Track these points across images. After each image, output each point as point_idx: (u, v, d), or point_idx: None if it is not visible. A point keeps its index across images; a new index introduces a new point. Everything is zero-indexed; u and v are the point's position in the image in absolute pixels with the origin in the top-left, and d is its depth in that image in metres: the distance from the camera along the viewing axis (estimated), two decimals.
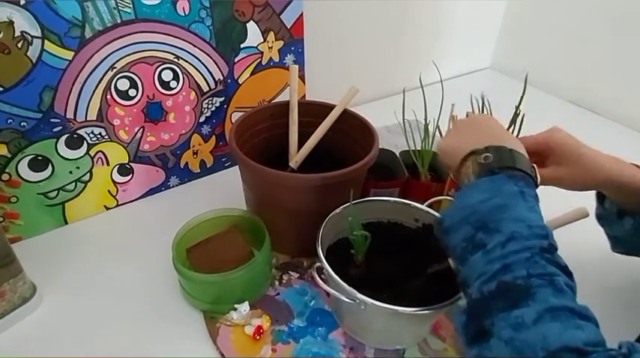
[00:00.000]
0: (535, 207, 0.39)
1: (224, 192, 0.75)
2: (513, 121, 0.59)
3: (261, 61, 0.80)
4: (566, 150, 0.50)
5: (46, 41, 0.57)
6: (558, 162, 0.51)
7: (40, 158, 0.63)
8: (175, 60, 0.69)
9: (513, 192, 0.39)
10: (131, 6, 0.62)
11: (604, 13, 1.04)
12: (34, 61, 0.58)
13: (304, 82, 0.89)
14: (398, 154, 0.73)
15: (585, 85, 1.13)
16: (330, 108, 0.68)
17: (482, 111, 0.61)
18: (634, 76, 1.03)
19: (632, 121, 1.05)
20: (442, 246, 0.44)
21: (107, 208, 0.74)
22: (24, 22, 0.55)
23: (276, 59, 0.81)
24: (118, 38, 0.63)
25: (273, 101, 0.85)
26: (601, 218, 0.58)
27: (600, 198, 0.57)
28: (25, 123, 0.60)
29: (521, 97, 0.59)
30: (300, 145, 0.67)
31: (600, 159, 0.50)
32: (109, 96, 0.65)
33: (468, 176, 0.43)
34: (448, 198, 0.61)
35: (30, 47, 0.57)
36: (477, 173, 0.42)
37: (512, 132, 0.59)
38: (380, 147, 0.62)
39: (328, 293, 0.48)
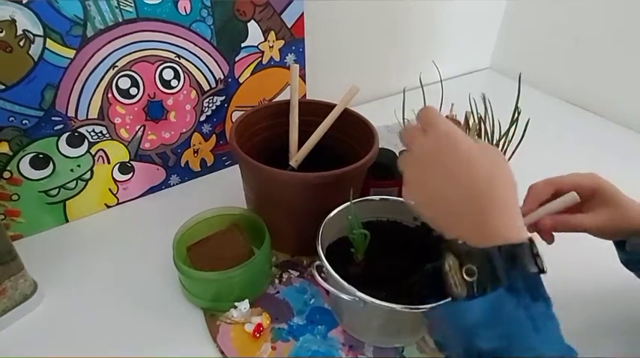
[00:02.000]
0: (547, 325, 0.32)
1: (224, 191, 0.75)
2: (513, 122, 0.59)
3: (261, 60, 0.80)
4: (609, 195, 0.48)
5: (47, 39, 0.57)
6: (597, 208, 0.48)
7: (41, 156, 0.63)
8: (176, 59, 0.69)
9: (517, 319, 0.31)
10: (133, 5, 0.62)
11: (603, 14, 1.04)
12: (35, 60, 0.58)
13: (305, 82, 0.90)
14: (398, 154, 0.73)
15: (584, 86, 1.13)
16: (330, 107, 0.68)
17: (485, 111, 0.61)
18: (633, 76, 1.03)
19: (631, 121, 1.05)
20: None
21: (108, 206, 0.74)
22: (26, 21, 0.55)
23: (277, 58, 0.82)
24: (119, 37, 0.63)
25: (274, 100, 0.86)
26: (630, 263, 0.55)
27: (619, 244, 0.53)
28: (27, 121, 0.61)
29: (517, 98, 0.59)
30: (301, 144, 0.68)
31: (636, 206, 0.48)
32: (110, 95, 0.66)
33: (453, 279, 0.34)
34: None
35: (32, 45, 0.57)
36: (463, 288, 0.34)
37: (513, 135, 0.59)
38: (380, 146, 0.62)
39: (328, 292, 0.49)
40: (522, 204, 0.50)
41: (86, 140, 0.67)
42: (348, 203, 0.53)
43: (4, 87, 0.57)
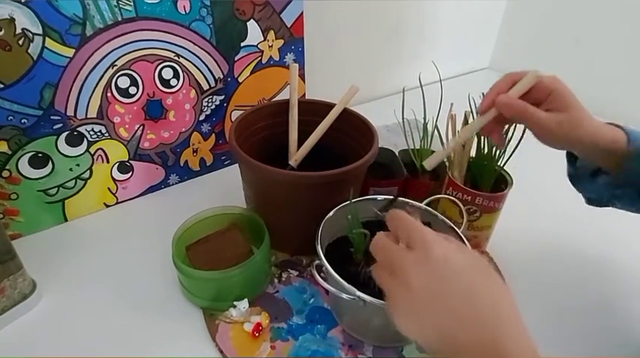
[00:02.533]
0: None
1: (224, 190, 0.75)
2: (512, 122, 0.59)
3: (261, 59, 0.80)
4: (568, 100, 0.47)
5: (47, 38, 0.57)
6: (554, 110, 0.47)
7: (40, 155, 0.63)
8: (176, 58, 0.69)
9: None
10: (132, 4, 0.62)
11: (603, 14, 1.05)
12: (34, 58, 0.58)
13: (304, 81, 0.90)
14: (397, 153, 0.73)
15: (583, 85, 1.13)
16: (330, 107, 0.68)
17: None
18: (633, 75, 1.03)
19: (630, 121, 1.05)
20: None
21: (107, 206, 0.74)
22: (25, 20, 0.55)
23: (277, 58, 0.82)
24: (118, 36, 0.63)
25: (273, 100, 0.86)
26: (573, 177, 0.56)
27: (571, 158, 0.55)
28: (26, 120, 0.60)
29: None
30: (300, 144, 0.68)
31: (592, 120, 0.48)
32: (109, 94, 0.66)
33: None
34: (446, 196, 0.61)
35: (31, 44, 0.57)
36: None
37: (513, 134, 0.59)
38: (379, 146, 0.62)
39: (327, 291, 0.49)
40: (483, 98, 0.50)
41: (85, 139, 0.66)
42: (348, 202, 0.53)
43: (3, 86, 0.57)
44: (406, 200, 0.58)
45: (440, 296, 0.33)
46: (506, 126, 0.60)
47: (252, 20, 0.75)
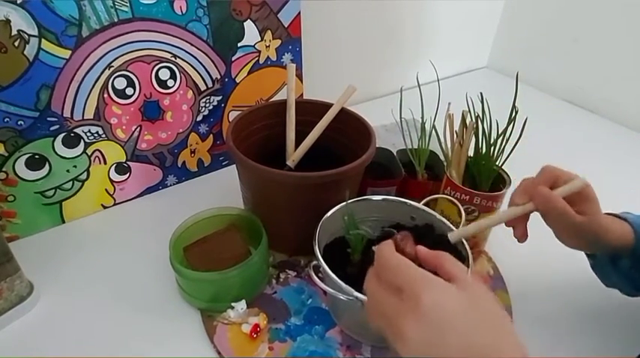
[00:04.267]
0: None
1: (221, 191, 0.75)
2: (511, 121, 0.59)
3: (258, 59, 0.80)
4: (596, 204, 0.48)
5: (43, 40, 0.57)
6: (583, 212, 0.47)
7: (37, 157, 0.63)
8: (172, 59, 0.69)
9: None
10: (128, 5, 0.62)
11: (601, 13, 1.05)
12: (30, 60, 0.57)
13: (302, 81, 0.89)
14: (395, 153, 0.73)
15: (582, 84, 1.13)
16: (327, 107, 0.68)
17: (483, 110, 0.60)
18: (631, 75, 1.03)
19: (628, 120, 1.05)
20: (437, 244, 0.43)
21: (104, 207, 0.74)
22: (21, 21, 0.55)
23: (274, 58, 0.82)
24: (115, 37, 0.63)
25: (271, 100, 0.85)
26: (595, 269, 0.57)
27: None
28: (22, 122, 0.60)
29: (515, 97, 0.59)
30: (298, 144, 0.67)
31: (607, 226, 0.48)
32: (106, 95, 0.65)
33: None
34: (444, 196, 0.61)
35: (27, 46, 0.56)
36: None
37: (511, 134, 0.59)
38: (377, 145, 0.62)
39: (325, 292, 0.48)
40: (519, 189, 0.49)
41: (82, 140, 0.66)
42: (346, 203, 0.53)
43: None
44: (404, 200, 0.58)
45: (436, 343, 0.32)
46: (505, 126, 0.60)
47: (249, 20, 0.74)
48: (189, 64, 0.71)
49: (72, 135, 0.65)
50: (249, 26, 0.75)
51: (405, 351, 0.33)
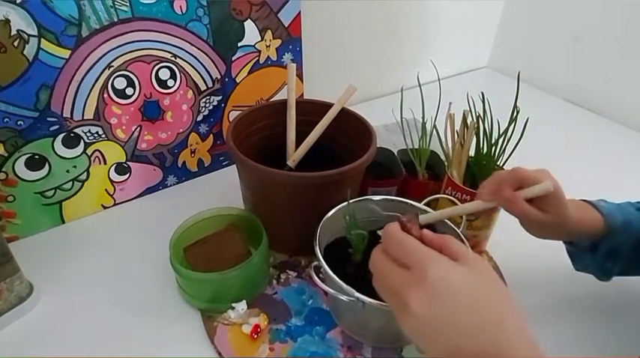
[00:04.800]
0: None
1: (222, 191, 0.75)
2: (512, 121, 0.59)
3: (258, 59, 0.79)
4: (561, 202, 0.48)
5: (42, 40, 0.57)
6: (546, 207, 0.48)
7: (36, 157, 0.63)
8: (173, 58, 0.69)
9: None
10: (128, 4, 0.62)
11: (601, 12, 1.04)
12: (30, 60, 0.57)
13: (302, 81, 0.89)
14: (396, 153, 0.73)
15: (582, 84, 1.13)
16: (327, 106, 0.68)
17: (484, 110, 0.60)
18: (631, 74, 1.03)
19: (629, 120, 1.05)
20: None
21: (104, 207, 0.74)
22: (20, 21, 0.55)
23: (274, 58, 0.81)
24: (114, 37, 0.62)
25: (271, 100, 0.85)
26: (571, 254, 0.58)
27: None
28: (22, 122, 0.60)
29: (516, 97, 0.59)
30: (298, 144, 0.67)
31: (575, 218, 0.50)
32: (105, 95, 0.65)
33: None
34: (445, 196, 0.61)
35: (26, 46, 0.56)
36: None
37: (512, 133, 0.59)
38: (378, 145, 0.62)
39: (326, 292, 0.48)
40: (485, 186, 0.50)
41: (82, 141, 0.66)
42: (346, 203, 0.53)
43: None
44: (405, 200, 0.58)
45: (442, 317, 0.33)
46: (506, 125, 0.60)
47: (249, 20, 0.74)
48: (190, 63, 0.71)
49: (72, 135, 0.65)
50: (249, 26, 0.75)
51: (410, 325, 0.34)
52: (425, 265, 0.34)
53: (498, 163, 0.62)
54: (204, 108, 0.77)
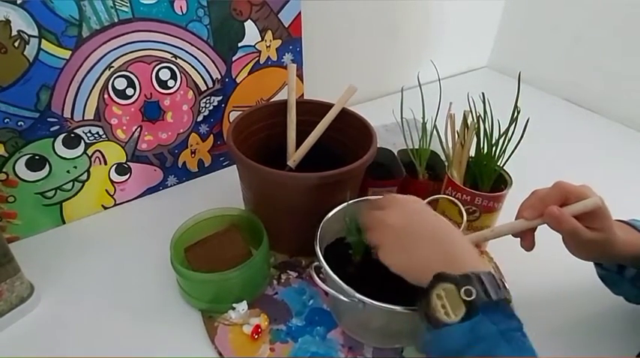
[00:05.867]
0: (519, 344, 0.36)
1: (222, 192, 0.75)
2: (513, 121, 0.59)
3: (258, 59, 0.79)
4: (609, 220, 0.47)
5: (43, 40, 0.57)
6: (594, 228, 0.47)
7: (37, 157, 0.63)
8: (173, 59, 0.69)
9: (493, 335, 0.36)
10: (128, 5, 0.62)
11: (601, 12, 1.04)
12: (31, 60, 0.57)
13: (302, 81, 0.89)
14: (396, 153, 0.73)
15: (583, 84, 1.13)
16: (328, 107, 0.68)
17: (485, 110, 0.60)
18: (631, 74, 1.03)
19: (629, 120, 1.05)
20: None
21: (105, 208, 0.74)
22: (21, 21, 0.55)
23: (274, 58, 0.81)
24: (115, 37, 0.62)
25: (271, 100, 0.85)
26: (604, 278, 0.56)
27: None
28: (22, 123, 0.60)
29: (517, 97, 0.59)
30: (299, 144, 0.67)
31: (621, 238, 0.48)
32: (106, 96, 0.65)
33: (446, 309, 0.38)
34: (445, 196, 0.61)
35: (27, 46, 0.56)
36: (458, 310, 0.38)
37: (513, 133, 0.59)
38: (378, 146, 0.62)
39: (327, 293, 0.48)
40: (528, 203, 0.49)
41: (82, 141, 0.66)
42: (347, 203, 0.53)
43: None
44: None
45: (414, 230, 0.45)
46: (507, 126, 0.60)
47: (249, 20, 0.74)
48: (190, 64, 0.71)
49: (72, 135, 0.65)
50: (249, 26, 0.75)
51: (391, 237, 0.45)
52: (394, 196, 0.49)
53: (499, 163, 0.62)
54: (204, 109, 0.77)
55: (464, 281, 0.38)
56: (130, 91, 0.67)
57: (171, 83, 0.71)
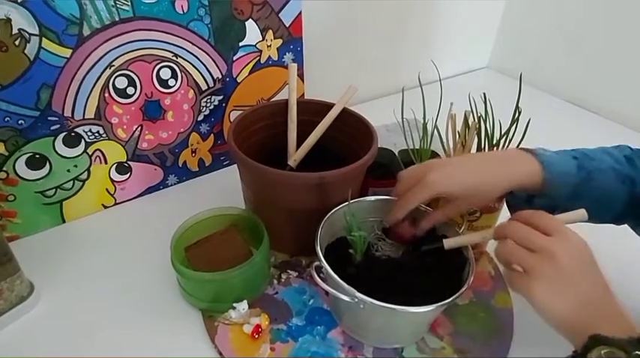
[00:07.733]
0: None
1: (223, 191, 0.75)
2: (514, 122, 0.59)
3: (259, 59, 0.79)
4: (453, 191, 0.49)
5: (43, 39, 0.57)
6: (449, 200, 0.50)
7: (37, 156, 0.63)
8: (174, 58, 0.69)
9: None
10: (129, 4, 0.62)
11: (601, 12, 1.04)
12: (31, 59, 0.57)
13: (303, 81, 0.89)
14: (397, 153, 0.73)
15: (583, 84, 1.13)
16: (328, 106, 0.68)
17: (486, 110, 0.60)
18: (632, 75, 1.03)
19: (629, 120, 1.05)
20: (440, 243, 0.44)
21: (105, 207, 0.74)
22: (21, 20, 0.55)
23: (275, 57, 0.81)
24: (116, 36, 0.62)
25: (272, 100, 0.85)
26: (510, 205, 0.57)
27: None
28: (23, 121, 0.60)
29: (518, 97, 0.59)
30: (299, 144, 0.67)
31: (487, 179, 0.50)
32: (106, 95, 0.65)
33: None
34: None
35: (27, 45, 0.56)
36: None
37: (514, 134, 0.59)
38: (379, 146, 0.62)
39: (327, 292, 0.48)
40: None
41: (83, 140, 0.66)
42: (347, 203, 0.53)
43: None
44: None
45: (582, 270, 0.39)
46: (508, 126, 0.60)
47: (250, 20, 0.74)
48: (191, 63, 0.71)
49: (72, 134, 0.65)
50: (250, 25, 0.75)
51: (554, 270, 0.39)
52: (567, 230, 0.41)
53: None
54: (205, 108, 0.77)
55: (633, 346, 0.35)
56: (130, 90, 0.67)
57: (171, 82, 0.71)
